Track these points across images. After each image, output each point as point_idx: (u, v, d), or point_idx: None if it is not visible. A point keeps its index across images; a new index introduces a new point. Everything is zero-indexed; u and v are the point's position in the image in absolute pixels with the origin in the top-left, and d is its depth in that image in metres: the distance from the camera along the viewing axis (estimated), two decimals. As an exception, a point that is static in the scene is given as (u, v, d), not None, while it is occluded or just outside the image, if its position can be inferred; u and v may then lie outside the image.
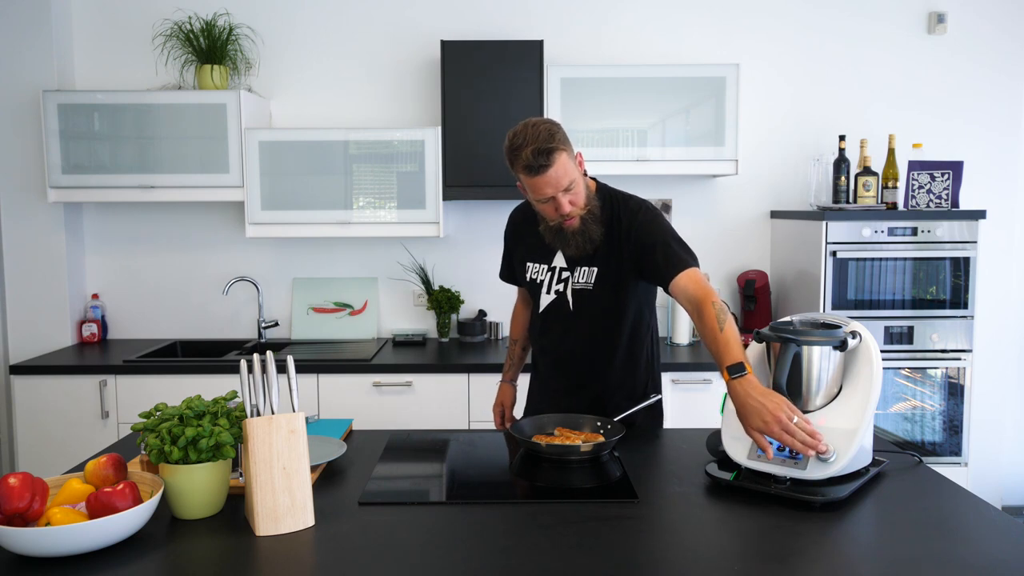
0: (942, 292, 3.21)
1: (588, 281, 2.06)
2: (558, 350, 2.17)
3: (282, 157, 3.27)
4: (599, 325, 2.09)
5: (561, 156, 1.89)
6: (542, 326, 2.18)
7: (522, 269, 2.21)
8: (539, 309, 2.16)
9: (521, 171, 1.91)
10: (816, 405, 1.68)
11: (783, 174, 3.67)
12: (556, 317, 2.12)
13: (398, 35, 3.59)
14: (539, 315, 2.17)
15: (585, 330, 2.10)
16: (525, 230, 2.18)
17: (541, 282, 2.14)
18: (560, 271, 2.11)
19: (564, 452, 1.84)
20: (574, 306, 2.09)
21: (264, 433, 1.47)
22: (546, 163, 1.87)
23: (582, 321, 2.09)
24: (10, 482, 1.35)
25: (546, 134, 1.89)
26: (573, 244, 2.01)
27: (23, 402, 3.09)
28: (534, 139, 1.87)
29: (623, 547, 1.39)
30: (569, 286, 2.09)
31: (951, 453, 3.29)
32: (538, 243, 2.12)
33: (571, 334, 2.12)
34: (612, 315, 2.08)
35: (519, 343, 2.41)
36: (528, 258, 2.17)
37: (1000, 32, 3.61)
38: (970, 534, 1.46)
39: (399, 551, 1.39)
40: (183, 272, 3.67)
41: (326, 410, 3.10)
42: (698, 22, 3.60)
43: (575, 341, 2.12)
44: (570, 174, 1.92)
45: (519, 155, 1.89)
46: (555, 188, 1.91)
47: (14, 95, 3.38)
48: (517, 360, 2.42)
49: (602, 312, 2.07)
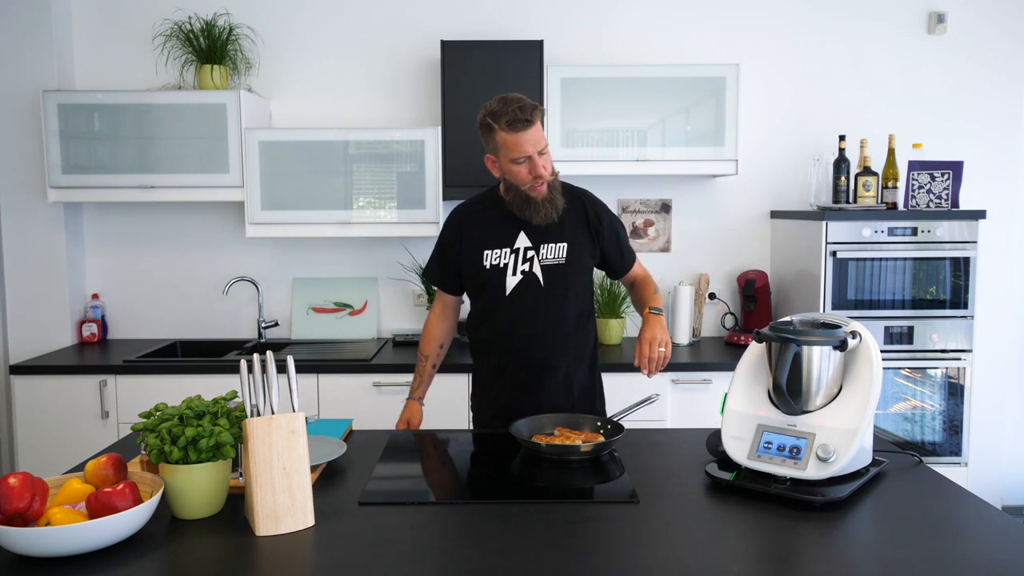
0: (942, 292, 3.21)
1: (559, 256, 2.16)
2: (529, 329, 2.16)
3: (282, 157, 3.27)
4: (572, 298, 2.18)
5: (539, 119, 2.06)
6: (508, 310, 2.17)
7: (474, 260, 2.18)
8: (504, 293, 2.16)
9: (504, 128, 2.02)
10: (816, 405, 1.68)
11: (783, 174, 3.67)
12: (526, 297, 2.15)
13: (398, 35, 3.59)
14: (505, 298, 2.16)
15: (559, 304, 2.16)
16: (477, 220, 2.21)
17: (504, 266, 2.15)
18: (525, 251, 2.15)
19: (564, 452, 1.84)
20: (545, 282, 2.15)
21: (264, 433, 1.47)
22: (530, 119, 2.01)
23: (555, 295, 2.15)
24: (10, 482, 1.35)
25: (528, 100, 2.04)
26: (543, 211, 2.11)
27: (23, 402, 3.09)
28: (518, 101, 2.03)
29: (623, 547, 1.39)
30: (536, 264, 2.15)
31: (951, 453, 3.29)
32: (495, 230, 2.16)
33: (544, 310, 2.16)
34: (583, 288, 2.22)
35: (431, 359, 2.36)
36: (484, 246, 2.17)
37: (1000, 32, 3.61)
38: (970, 534, 1.46)
39: (399, 551, 1.39)
40: (183, 272, 3.67)
41: (326, 410, 3.10)
42: (698, 22, 3.60)
43: (548, 316, 2.16)
44: (545, 139, 2.08)
45: (504, 112, 2.01)
46: (534, 147, 2.04)
47: (14, 95, 3.38)
48: (427, 378, 2.38)
49: (575, 285, 2.18)
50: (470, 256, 2.19)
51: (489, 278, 2.17)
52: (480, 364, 2.32)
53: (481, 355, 2.31)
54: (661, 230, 3.69)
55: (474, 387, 2.35)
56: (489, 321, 2.22)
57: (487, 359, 2.27)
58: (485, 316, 2.23)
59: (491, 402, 2.26)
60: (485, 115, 2.05)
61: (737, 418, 1.73)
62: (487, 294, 2.19)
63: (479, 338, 2.29)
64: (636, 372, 3.11)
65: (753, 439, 1.68)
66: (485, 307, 2.22)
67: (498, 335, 2.21)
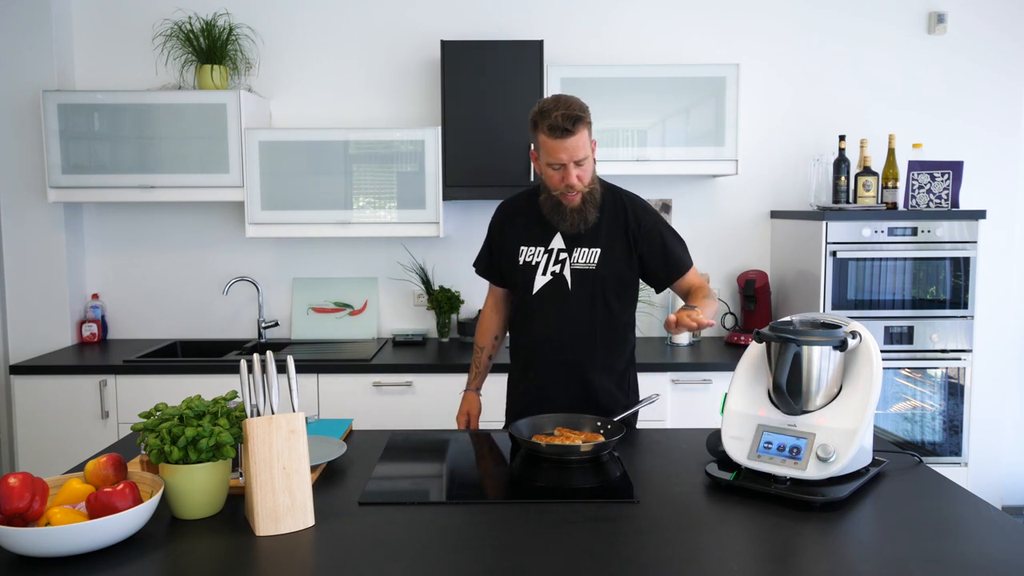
0: (942, 292, 3.21)
1: (590, 261, 2.14)
2: (551, 331, 2.17)
3: (282, 157, 3.27)
4: (600, 305, 2.15)
5: (584, 130, 2.02)
6: (534, 310, 2.17)
7: (512, 254, 2.19)
8: (531, 292, 2.17)
9: (545, 131, 2.01)
10: (816, 405, 1.68)
11: (783, 174, 3.67)
12: (551, 298, 2.15)
13: (398, 35, 3.59)
14: (532, 298, 2.17)
15: (584, 309, 2.14)
16: (519, 217, 2.22)
17: (536, 264, 2.16)
18: (558, 252, 2.15)
19: (564, 452, 1.84)
20: (573, 286, 2.14)
21: (264, 433, 1.47)
22: (571, 129, 1.98)
23: (582, 300, 2.14)
24: (10, 482, 1.35)
25: (578, 105, 2.03)
26: (569, 220, 2.10)
27: (23, 402, 3.09)
28: (566, 106, 2.00)
29: (623, 547, 1.39)
30: (567, 267, 2.14)
31: (951, 453, 3.29)
32: (534, 227, 2.17)
33: (568, 313, 2.15)
34: (615, 297, 2.16)
35: (486, 351, 2.38)
36: (522, 242, 2.19)
37: (1000, 32, 3.61)
38: (970, 534, 1.46)
39: (399, 551, 1.39)
40: (183, 272, 3.67)
41: (326, 410, 3.09)
42: (698, 22, 3.60)
43: (570, 320, 2.15)
44: (585, 150, 2.04)
45: (548, 116, 2.00)
46: (570, 156, 2.01)
47: (14, 95, 3.38)
48: (483, 369, 2.39)
49: (605, 293, 2.14)
50: (509, 251, 2.21)
51: (522, 274, 2.19)
52: (513, 359, 2.33)
53: (513, 350, 2.32)
54: (661, 230, 3.69)
55: (508, 381, 2.35)
56: (519, 315, 2.24)
57: (517, 355, 2.29)
58: (517, 310, 2.25)
59: (518, 398, 2.28)
60: (535, 112, 2.05)
61: (737, 418, 1.73)
62: (519, 289, 2.21)
63: (513, 329, 2.31)
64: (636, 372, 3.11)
65: (753, 439, 1.68)
66: (517, 302, 2.24)
67: (524, 332, 2.24)
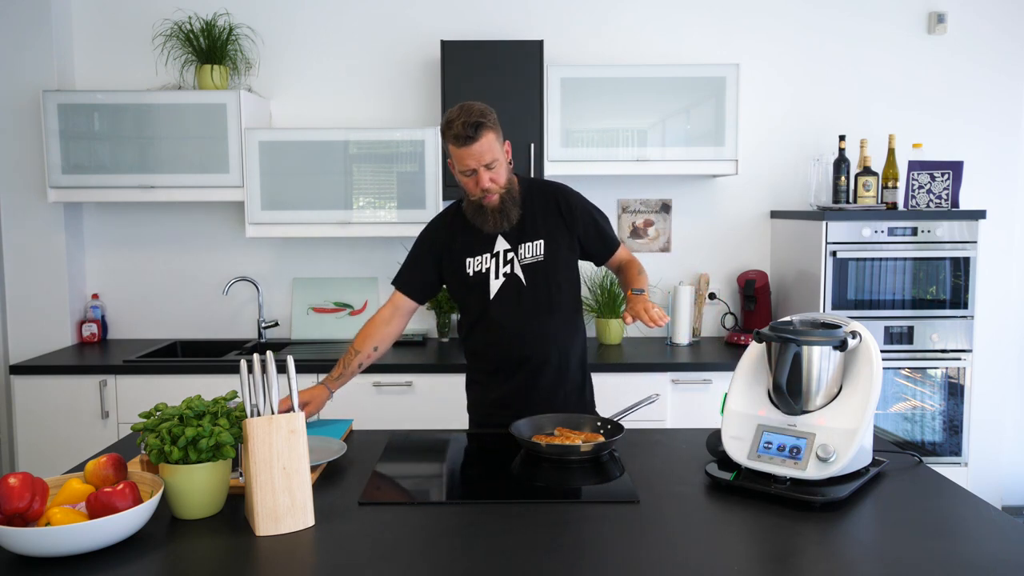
0: (942, 292, 3.21)
1: (537, 254, 2.17)
2: (516, 329, 2.18)
3: (282, 157, 3.27)
4: (554, 294, 2.19)
5: (488, 134, 2.04)
6: (495, 313, 2.18)
7: (458, 269, 2.20)
8: (489, 297, 2.18)
9: (451, 141, 2.05)
10: (816, 405, 1.68)
11: (783, 174, 3.67)
12: (509, 298, 2.17)
13: (398, 35, 3.59)
14: (491, 303, 2.18)
15: (543, 300, 2.18)
16: (454, 231, 2.21)
17: (487, 271, 2.18)
18: (504, 253, 2.18)
19: (564, 452, 1.84)
20: (527, 281, 2.17)
21: (264, 433, 1.47)
22: (473, 135, 2.02)
23: (539, 292, 2.17)
24: (10, 482, 1.35)
25: (478, 112, 2.04)
26: (492, 221, 2.13)
27: (23, 402, 3.09)
28: (467, 114, 2.02)
29: (623, 547, 1.39)
30: (516, 265, 2.17)
31: (951, 453, 3.29)
32: (472, 237, 2.19)
33: (529, 307, 2.17)
34: (567, 283, 2.22)
35: (360, 357, 2.23)
36: (466, 254, 2.19)
37: (1000, 32, 3.60)
38: (970, 534, 1.46)
39: (399, 551, 1.39)
40: (183, 272, 3.67)
41: (326, 410, 3.09)
42: (698, 22, 3.60)
43: (534, 314, 2.17)
44: (494, 153, 2.06)
45: (452, 126, 2.03)
46: (478, 161, 2.05)
47: (14, 95, 3.38)
48: (349, 373, 2.23)
49: (556, 281, 2.19)
50: (453, 268, 2.21)
51: (474, 285, 2.19)
52: (474, 366, 2.33)
53: (475, 358, 2.32)
54: (661, 230, 3.69)
55: (468, 386, 2.37)
56: (479, 326, 2.24)
57: (482, 363, 2.29)
58: (475, 322, 2.25)
59: (485, 400, 2.29)
60: (442, 123, 2.08)
61: (737, 418, 1.73)
62: (474, 301, 2.21)
63: (472, 344, 2.30)
64: (636, 372, 3.15)
65: (753, 439, 1.68)
66: (474, 313, 2.24)
67: (489, 339, 2.23)
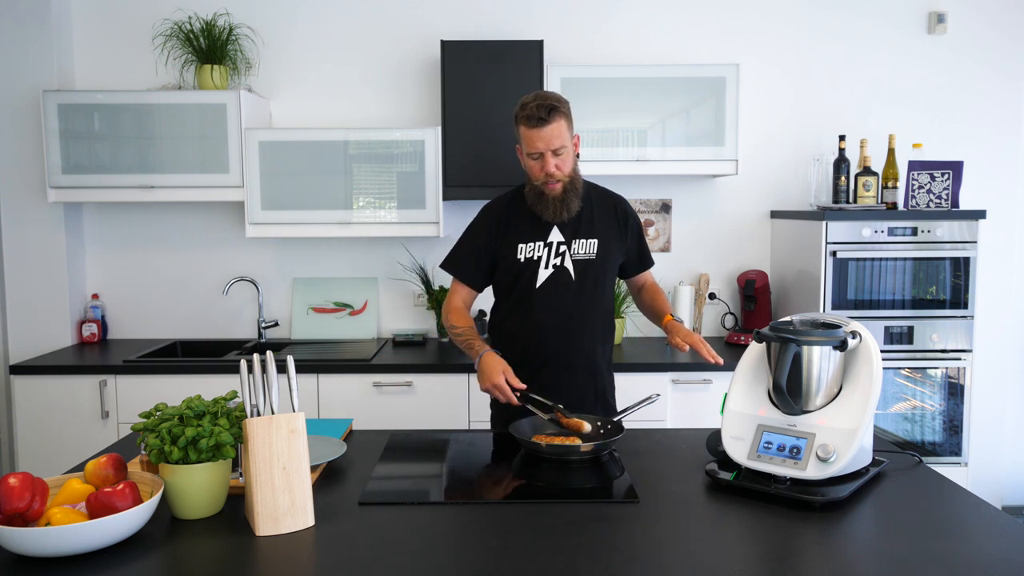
0: (942, 292, 3.21)
1: (590, 252, 2.22)
2: (557, 323, 2.20)
3: (282, 157, 3.27)
4: (598, 293, 2.23)
5: (560, 120, 2.09)
6: (537, 304, 2.20)
7: (510, 253, 2.21)
8: (535, 286, 2.20)
9: (523, 122, 2.10)
10: (816, 405, 1.68)
11: (783, 174, 3.67)
12: (554, 290, 2.20)
13: (398, 35, 3.59)
14: (535, 292, 2.19)
15: (587, 298, 2.21)
16: (511, 216, 2.24)
17: (538, 259, 2.20)
18: (557, 245, 2.20)
19: (564, 452, 1.84)
20: (576, 276, 2.20)
21: (264, 433, 1.47)
22: (546, 118, 2.06)
23: (584, 289, 2.21)
24: (10, 482, 1.35)
25: (554, 97, 2.10)
26: (552, 209, 2.16)
27: (23, 402, 3.09)
28: (543, 98, 2.09)
29: (623, 547, 1.39)
30: (567, 258, 2.20)
31: (951, 453, 3.29)
32: (528, 224, 2.21)
33: (572, 302, 2.20)
34: (609, 286, 2.28)
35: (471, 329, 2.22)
36: (519, 240, 2.22)
37: (1000, 32, 3.60)
38: (970, 534, 1.46)
39: (399, 551, 1.39)
40: (183, 272, 3.67)
41: (326, 410, 3.10)
42: (698, 22, 3.60)
43: (576, 309, 2.21)
44: (563, 139, 2.10)
45: (526, 108, 2.08)
46: (547, 145, 2.09)
47: (14, 95, 3.38)
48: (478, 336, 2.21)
49: (602, 281, 2.23)
50: (506, 251, 2.23)
51: (522, 271, 2.21)
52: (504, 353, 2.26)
53: (506, 348, 2.26)
54: (661, 230, 3.69)
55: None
56: (517, 314, 2.24)
57: (512, 353, 2.23)
58: (513, 309, 2.26)
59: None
60: (516, 107, 2.14)
61: (737, 418, 1.73)
62: (518, 287, 2.22)
63: (505, 331, 2.29)
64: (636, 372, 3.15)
65: (753, 439, 1.68)
66: (514, 301, 2.25)
67: (525, 328, 2.23)
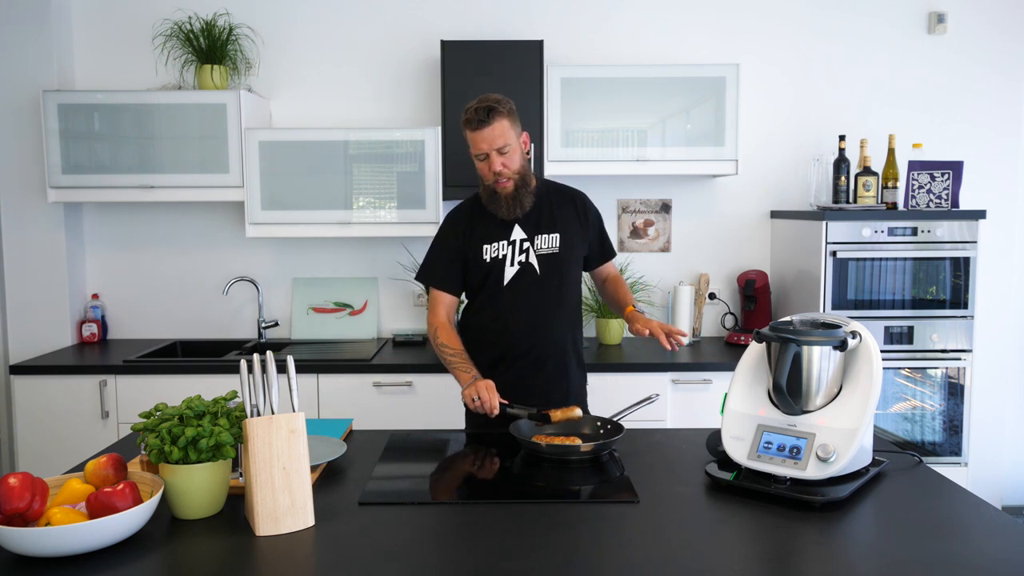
0: (942, 292, 3.21)
1: (553, 246, 2.25)
2: (526, 317, 2.23)
3: (282, 157, 3.27)
4: (564, 287, 2.26)
5: (502, 120, 2.12)
6: (506, 301, 2.23)
7: (476, 255, 2.24)
8: (502, 284, 2.23)
9: (465, 126, 2.15)
10: (816, 405, 1.68)
11: (783, 174, 3.67)
12: (523, 286, 2.23)
13: (398, 35, 3.59)
14: (504, 289, 2.23)
15: (554, 292, 2.24)
16: (473, 220, 2.28)
17: (504, 257, 2.23)
18: (521, 242, 2.23)
19: (564, 452, 1.84)
20: (541, 270, 2.23)
21: (264, 433, 1.47)
22: (485, 119, 2.10)
23: (551, 284, 2.23)
24: (10, 482, 1.35)
25: (493, 99, 2.13)
26: (505, 207, 2.19)
27: (23, 402, 3.09)
28: (483, 100, 2.13)
29: (623, 547, 1.39)
30: (531, 254, 2.23)
31: (951, 453, 3.29)
32: (492, 225, 2.24)
33: (540, 298, 2.23)
34: (575, 280, 2.31)
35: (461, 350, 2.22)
36: (484, 241, 2.25)
37: (1000, 32, 3.60)
38: (970, 534, 1.46)
39: (399, 551, 1.39)
40: (183, 272, 3.67)
41: (326, 410, 3.10)
42: (698, 22, 3.60)
43: (544, 304, 2.23)
44: (507, 139, 2.13)
45: (467, 111, 2.13)
46: (489, 145, 2.12)
47: (14, 95, 3.38)
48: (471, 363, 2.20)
49: (567, 275, 2.26)
50: (473, 253, 2.26)
51: (490, 270, 2.24)
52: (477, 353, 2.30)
53: (477, 347, 2.29)
54: (661, 230, 3.69)
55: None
56: (486, 311, 2.28)
57: (482, 351, 2.28)
58: (482, 307, 2.29)
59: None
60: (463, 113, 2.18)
61: (737, 418, 1.73)
62: (487, 287, 2.26)
63: (476, 329, 2.32)
64: (636, 372, 3.15)
65: (753, 439, 1.68)
66: (483, 300, 2.28)
67: (496, 325, 2.27)
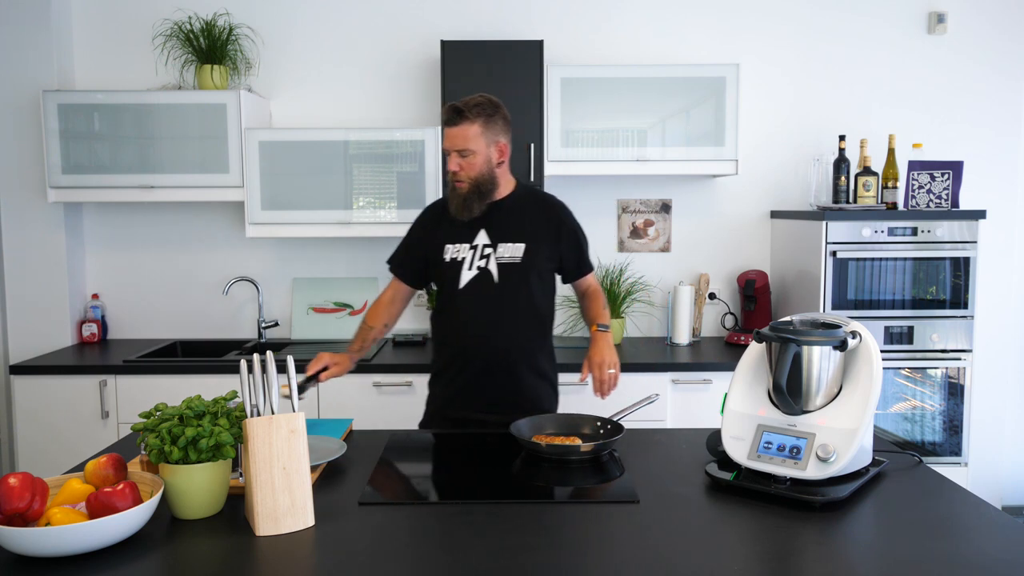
0: (942, 292, 3.21)
1: (515, 256, 2.21)
2: (479, 324, 2.22)
3: (282, 157, 3.27)
4: (524, 297, 2.22)
5: (470, 125, 2.11)
6: (461, 304, 2.22)
7: (438, 253, 2.25)
8: (458, 287, 2.22)
9: (442, 121, 2.16)
10: (816, 405, 1.68)
11: (783, 174, 3.67)
12: (478, 292, 2.21)
13: (398, 35, 3.59)
14: (458, 292, 2.22)
15: (511, 301, 2.21)
16: (444, 217, 2.28)
17: (462, 260, 2.22)
18: (483, 247, 2.22)
19: (564, 452, 1.84)
20: (500, 278, 2.20)
21: (264, 433, 1.47)
22: (454, 119, 2.12)
23: (508, 292, 2.20)
24: (10, 482, 1.35)
25: (472, 103, 2.13)
26: (454, 204, 2.20)
27: (23, 402, 3.09)
28: (464, 101, 2.13)
29: (623, 547, 1.39)
30: (492, 261, 2.21)
31: (951, 453, 3.29)
32: (458, 226, 2.24)
33: (495, 305, 2.21)
34: (539, 291, 2.25)
35: (375, 332, 2.33)
36: (448, 240, 2.25)
37: (1000, 32, 3.60)
38: (970, 534, 1.46)
39: (399, 551, 1.39)
40: (183, 272, 3.67)
41: (326, 410, 3.10)
42: (698, 22, 3.60)
43: (499, 312, 2.20)
44: (468, 143, 2.12)
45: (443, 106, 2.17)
46: (451, 144, 2.14)
47: (14, 95, 3.38)
48: (367, 344, 2.33)
49: (528, 285, 2.22)
50: (434, 250, 2.27)
51: (447, 271, 2.24)
52: (437, 354, 2.37)
53: (438, 345, 2.36)
54: (661, 230, 3.69)
55: (431, 375, 2.39)
56: (445, 313, 2.30)
57: (442, 349, 2.34)
58: (442, 307, 2.31)
59: (441, 392, 2.32)
60: None
61: (737, 418, 1.73)
62: (445, 288, 2.27)
63: (437, 327, 2.36)
64: (635, 372, 3.14)
65: (753, 439, 1.68)
66: (443, 300, 2.30)
67: (452, 327, 2.28)
